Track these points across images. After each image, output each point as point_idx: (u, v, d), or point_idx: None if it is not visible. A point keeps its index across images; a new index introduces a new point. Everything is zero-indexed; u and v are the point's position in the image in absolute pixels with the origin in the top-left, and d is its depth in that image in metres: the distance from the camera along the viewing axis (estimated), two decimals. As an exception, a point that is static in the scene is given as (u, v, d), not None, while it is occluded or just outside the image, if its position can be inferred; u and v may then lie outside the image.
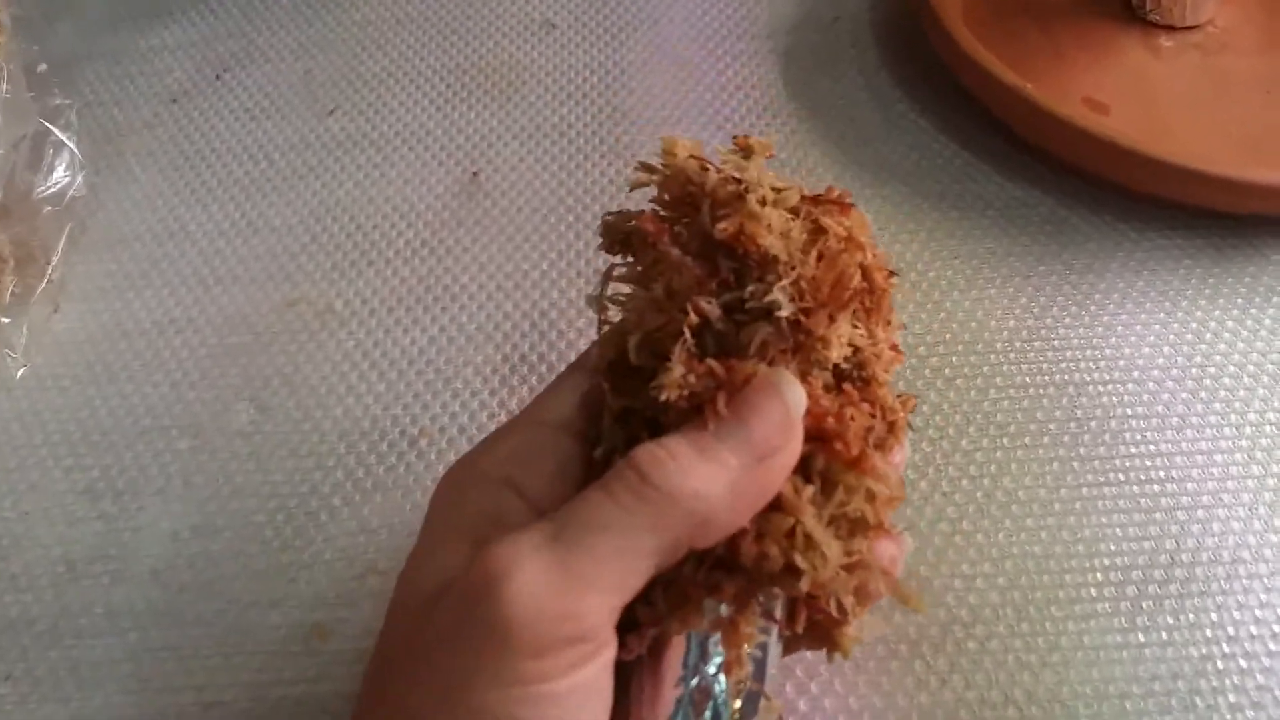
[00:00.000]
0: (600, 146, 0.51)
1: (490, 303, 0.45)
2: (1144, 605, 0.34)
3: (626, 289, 0.27)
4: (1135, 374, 0.41)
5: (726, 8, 0.59)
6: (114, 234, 0.49)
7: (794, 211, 0.25)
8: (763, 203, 0.24)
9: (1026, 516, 0.37)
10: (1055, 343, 0.42)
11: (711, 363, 0.23)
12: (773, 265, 0.24)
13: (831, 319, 0.24)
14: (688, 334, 0.23)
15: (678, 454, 0.21)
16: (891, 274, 0.26)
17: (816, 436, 0.23)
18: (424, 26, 0.59)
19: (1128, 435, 0.39)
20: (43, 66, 0.49)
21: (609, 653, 0.21)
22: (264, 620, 0.36)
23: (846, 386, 0.24)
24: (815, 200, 0.25)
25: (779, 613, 0.23)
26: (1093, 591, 0.35)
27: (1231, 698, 0.32)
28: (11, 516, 0.39)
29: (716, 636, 0.23)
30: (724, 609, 0.23)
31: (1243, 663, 0.33)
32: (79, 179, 0.47)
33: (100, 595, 0.36)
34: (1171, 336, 0.42)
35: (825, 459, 0.23)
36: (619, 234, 0.27)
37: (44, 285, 0.45)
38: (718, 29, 0.58)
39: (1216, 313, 0.43)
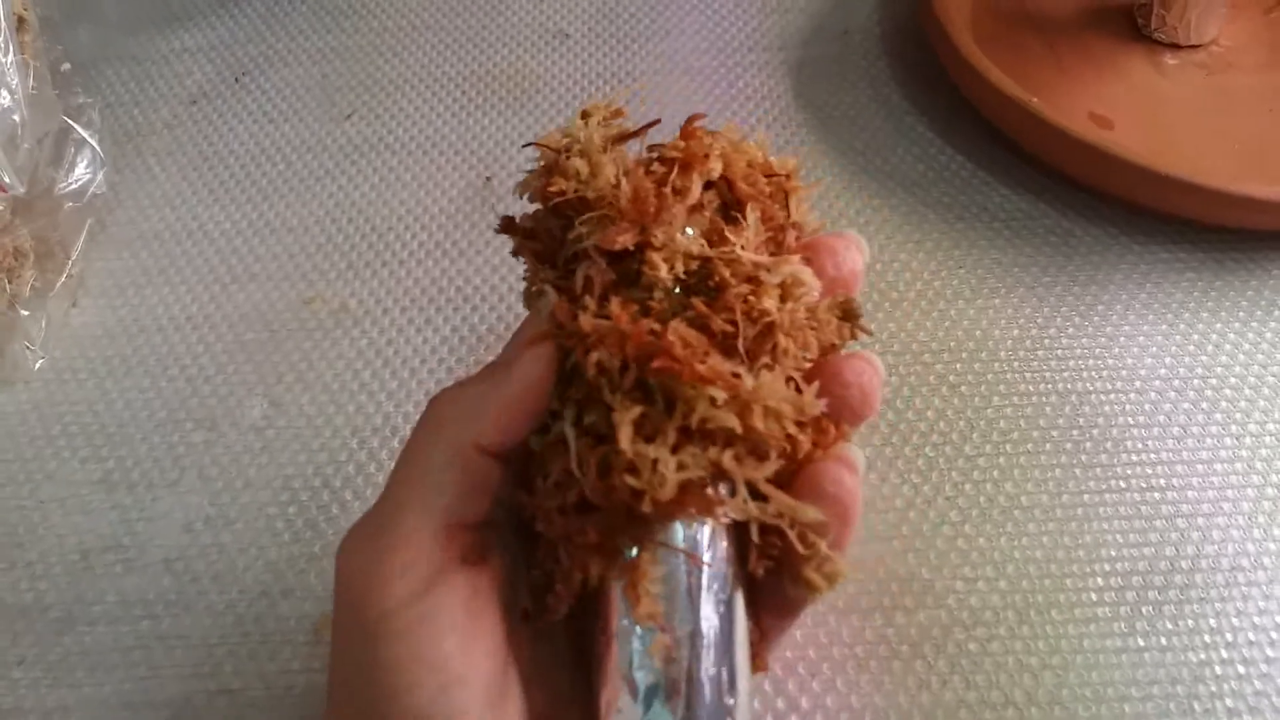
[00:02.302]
0: (612, 154, 0.52)
1: (501, 304, 0.45)
2: (1143, 610, 0.35)
3: None
4: (1137, 384, 0.41)
5: (738, 20, 0.60)
6: (133, 231, 0.50)
7: (652, 158, 0.25)
8: (572, 156, 0.25)
9: (1028, 522, 0.37)
10: (1058, 352, 0.42)
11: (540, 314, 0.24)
12: (586, 207, 0.24)
13: (647, 235, 0.24)
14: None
15: (448, 387, 0.25)
16: (786, 177, 0.26)
17: (644, 357, 0.22)
18: (440, 34, 0.60)
19: (1129, 444, 0.39)
20: (66, 66, 0.50)
21: (453, 580, 0.22)
22: (274, 610, 0.36)
23: (694, 300, 0.24)
24: (639, 133, 0.26)
25: (713, 552, 0.23)
26: (1093, 596, 0.35)
27: (1229, 702, 0.33)
28: (28, 505, 0.39)
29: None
30: (632, 552, 0.22)
31: (1240, 668, 0.33)
32: (100, 176, 0.48)
33: (113, 584, 0.37)
34: (1173, 348, 0.42)
35: (653, 376, 0.22)
36: (512, 235, 0.28)
37: (63, 280, 0.46)
38: (729, 40, 0.59)
39: (1218, 325, 0.43)
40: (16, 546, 0.38)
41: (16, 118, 0.40)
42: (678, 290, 0.24)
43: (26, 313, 0.44)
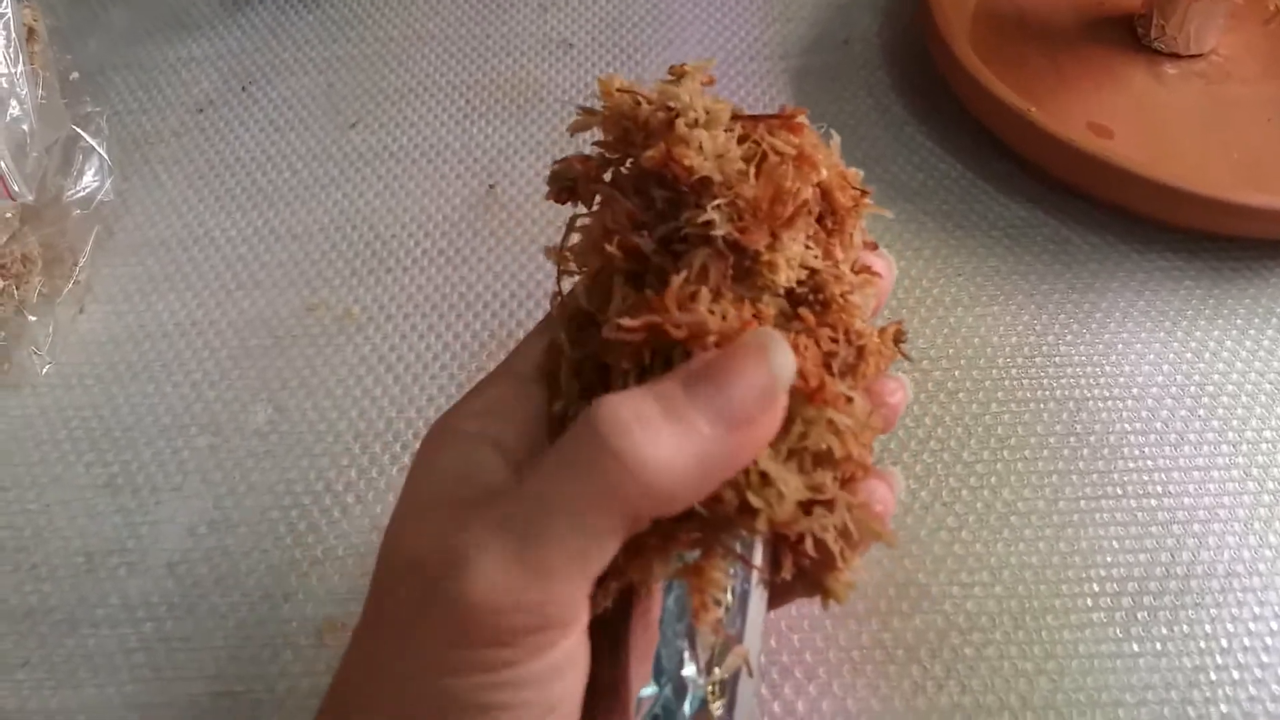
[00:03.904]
0: (614, 162, 0.53)
1: (504, 310, 0.46)
2: (1139, 616, 0.35)
3: None
4: (1134, 391, 0.41)
5: (740, 29, 0.61)
6: (140, 238, 0.50)
7: (742, 138, 0.24)
8: (693, 125, 0.23)
9: (1025, 527, 0.37)
10: (1056, 359, 0.43)
11: (648, 293, 0.22)
12: (707, 187, 0.22)
13: (775, 238, 0.23)
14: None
15: (643, 416, 0.19)
16: (862, 193, 0.25)
17: None
18: (444, 44, 0.61)
19: (1126, 450, 0.40)
20: (75, 75, 0.51)
21: (579, 626, 0.20)
22: (276, 614, 0.36)
23: (802, 311, 0.23)
24: (759, 119, 0.24)
25: (758, 558, 0.22)
26: (1089, 601, 0.35)
27: (1224, 708, 0.33)
28: (34, 509, 0.40)
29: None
30: (689, 556, 0.22)
31: (1235, 674, 0.33)
32: (108, 184, 0.48)
33: (117, 586, 0.37)
34: (1171, 355, 0.43)
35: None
36: (564, 180, 0.26)
37: (70, 286, 0.46)
38: (731, 50, 0.59)
39: (1216, 333, 0.43)
40: (21, 549, 0.39)
41: (25, 127, 0.41)
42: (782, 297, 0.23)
43: (34, 318, 0.44)
